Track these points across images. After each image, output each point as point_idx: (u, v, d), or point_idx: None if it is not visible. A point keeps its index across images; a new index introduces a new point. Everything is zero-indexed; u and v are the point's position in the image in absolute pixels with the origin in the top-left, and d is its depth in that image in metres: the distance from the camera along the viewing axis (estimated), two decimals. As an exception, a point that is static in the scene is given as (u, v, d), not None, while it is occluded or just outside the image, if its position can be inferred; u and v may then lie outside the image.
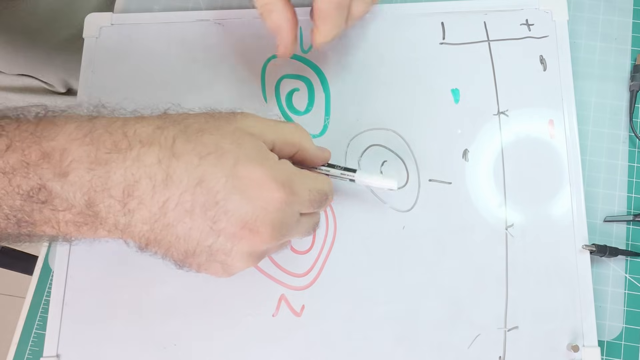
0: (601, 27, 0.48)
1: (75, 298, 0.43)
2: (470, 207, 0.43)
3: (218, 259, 0.32)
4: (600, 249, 0.42)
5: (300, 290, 0.43)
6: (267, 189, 0.31)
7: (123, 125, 0.31)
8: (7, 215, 0.30)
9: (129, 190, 0.30)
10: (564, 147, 0.44)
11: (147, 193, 0.30)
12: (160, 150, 0.30)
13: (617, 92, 0.47)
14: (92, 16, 0.49)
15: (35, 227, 0.31)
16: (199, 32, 0.49)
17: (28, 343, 0.44)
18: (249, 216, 0.31)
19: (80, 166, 0.30)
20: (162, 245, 0.32)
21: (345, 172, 0.40)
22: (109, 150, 0.30)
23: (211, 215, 0.31)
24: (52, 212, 0.30)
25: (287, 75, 0.47)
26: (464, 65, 0.46)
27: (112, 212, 0.30)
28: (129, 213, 0.30)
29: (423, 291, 0.42)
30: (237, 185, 0.31)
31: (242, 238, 0.31)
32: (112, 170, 0.30)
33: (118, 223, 0.31)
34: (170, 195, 0.30)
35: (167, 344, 0.42)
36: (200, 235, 0.31)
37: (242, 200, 0.31)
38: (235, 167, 0.31)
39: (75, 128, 0.31)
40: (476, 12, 0.47)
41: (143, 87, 0.47)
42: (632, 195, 0.45)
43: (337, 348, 0.41)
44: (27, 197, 0.30)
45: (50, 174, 0.29)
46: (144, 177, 0.30)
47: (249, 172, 0.31)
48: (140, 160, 0.30)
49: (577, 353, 0.40)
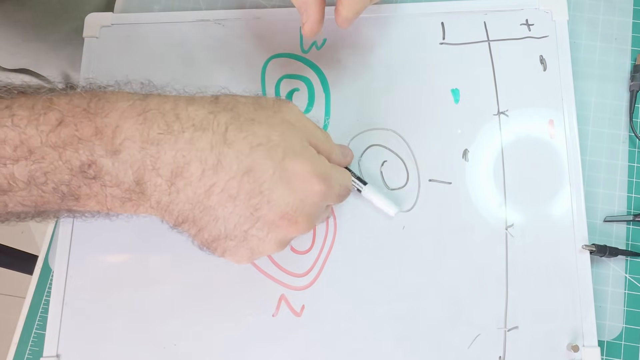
0: (601, 27, 0.48)
1: (75, 298, 0.43)
2: (470, 207, 0.43)
3: (249, 245, 0.34)
4: (600, 249, 0.42)
5: (300, 290, 0.43)
6: (310, 183, 0.33)
7: (175, 107, 0.32)
8: (53, 190, 0.31)
9: (177, 171, 0.31)
10: (564, 147, 0.44)
11: (196, 176, 0.31)
12: (213, 136, 0.32)
13: (617, 92, 0.47)
14: (92, 16, 0.49)
15: (78, 202, 0.32)
16: (199, 32, 0.49)
17: (28, 343, 0.44)
18: (290, 207, 0.33)
19: (132, 145, 0.30)
20: (196, 225, 0.33)
21: (355, 181, 0.43)
22: (162, 131, 0.31)
23: (254, 203, 0.32)
24: (101, 187, 0.31)
25: (287, 75, 0.47)
26: (464, 65, 0.46)
27: (157, 190, 0.31)
28: (174, 192, 0.31)
29: (423, 291, 0.42)
30: (284, 177, 0.32)
31: (279, 227, 0.33)
32: (162, 151, 0.31)
33: (160, 201, 0.32)
34: (218, 180, 0.31)
35: (167, 344, 0.42)
36: (239, 219, 0.33)
37: (286, 192, 0.32)
38: (283, 161, 0.32)
39: (129, 106, 0.31)
40: (476, 12, 0.47)
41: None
42: (632, 195, 0.45)
43: (337, 348, 0.41)
44: (77, 172, 0.30)
45: (102, 151, 0.30)
46: (195, 160, 0.31)
47: (295, 166, 0.33)
48: (192, 144, 0.31)
49: (577, 353, 0.40)
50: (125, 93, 0.33)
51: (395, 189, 0.44)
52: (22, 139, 0.30)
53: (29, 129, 0.30)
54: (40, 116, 0.30)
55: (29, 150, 0.30)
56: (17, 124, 0.29)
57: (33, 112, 0.30)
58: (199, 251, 0.43)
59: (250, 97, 0.35)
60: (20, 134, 0.29)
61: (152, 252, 0.44)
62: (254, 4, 0.51)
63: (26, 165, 0.30)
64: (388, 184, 0.44)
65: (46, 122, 0.30)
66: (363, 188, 0.43)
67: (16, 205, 0.32)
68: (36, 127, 0.30)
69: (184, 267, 0.43)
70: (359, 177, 0.43)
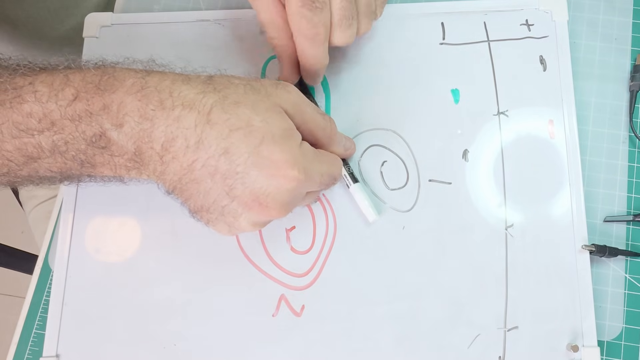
0: (601, 27, 0.48)
1: (75, 298, 0.43)
2: (470, 207, 0.43)
3: (227, 220, 0.36)
4: (600, 249, 0.42)
5: (300, 290, 0.43)
6: (284, 172, 0.34)
7: (171, 85, 0.34)
8: (73, 157, 0.34)
9: (166, 146, 0.34)
10: (564, 147, 0.44)
11: (181, 151, 0.33)
12: (198, 115, 0.33)
13: (617, 92, 0.47)
14: (92, 16, 0.49)
15: (95, 169, 0.36)
16: (199, 32, 0.49)
17: (28, 343, 0.44)
18: (262, 191, 0.34)
19: (131, 120, 0.33)
20: (184, 195, 0.35)
21: (347, 176, 0.43)
22: (154, 108, 0.33)
23: (229, 183, 0.34)
24: (110, 157, 0.35)
25: (287, 75, 0.47)
26: (464, 65, 0.46)
27: (152, 161, 0.34)
28: (164, 164, 0.34)
29: (423, 291, 0.42)
30: (257, 163, 0.33)
31: (251, 208, 0.35)
32: (155, 126, 0.33)
33: (156, 170, 0.35)
34: (199, 157, 0.33)
35: (167, 344, 0.42)
36: (217, 196, 0.34)
37: (259, 177, 0.34)
38: (259, 146, 0.33)
39: (132, 84, 0.34)
40: (476, 12, 0.47)
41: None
42: (632, 195, 0.45)
43: (337, 348, 0.41)
44: (91, 142, 0.34)
45: (109, 124, 0.33)
46: (180, 137, 0.33)
47: (270, 153, 0.34)
48: (179, 121, 0.33)
49: (577, 353, 0.40)
50: (132, 71, 0.35)
51: (395, 189, 0.44)
52: (45, 112, 0.33)
53: (49, 104, 0.33)
54: (58, 92, 0.33)
55: (51, 122, 0.33)
56: (39, 99, 0.33)
57: (52, 89, 0.33)
58: (199, 251, 0.44)
59: (245, 79, 0.36)
60: (43, 108, 0.33)
61: (152, 252, 0.44)
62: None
63: (49, 136, 0.34)
64: (388, 184, 0.44)
65: (64, 98, 0.33)
66: (351, 185, 0.43)
67: (45, 171, 0.36)
68: (55, 102, 0.33)
69: (184, 267, 0.43)
70: (352, 173, 0.43)
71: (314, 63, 0.41)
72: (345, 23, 0.39)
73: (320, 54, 0.40)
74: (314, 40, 0.39)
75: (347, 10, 0.39)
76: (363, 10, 0.40)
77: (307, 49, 0.40)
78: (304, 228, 0.44)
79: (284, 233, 0.44)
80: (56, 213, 0.46)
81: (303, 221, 0.44)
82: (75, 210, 0.45)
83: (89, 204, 0.45)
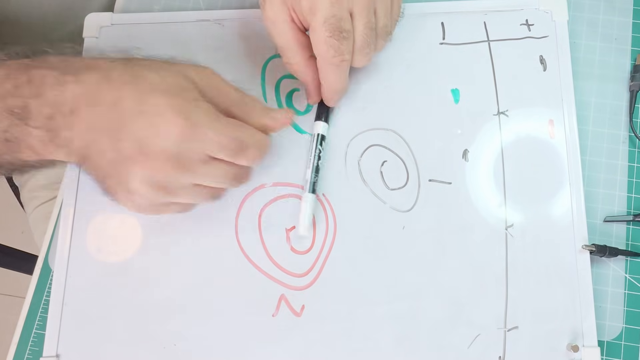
0: (601, 27, 0.48)
1: (75, 298, 0.43)
2: (470, 207, 0.43)
3: (123, 184, 0.35)
4: (600, 249, 0.42)
5: (300, 290, 0.43)
6: (167, 119, 0.34)
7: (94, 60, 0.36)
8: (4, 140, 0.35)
9: (73, 107, 0.34)
10: (564, 147, 0.44)
11: (84, 110, 0.34)
12: (99, 75, 0.35)
13: (617, 92, 0.47)
14: (92, 16, 0.49)
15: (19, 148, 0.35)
16: (199, 32, 0.49)
17: (28, 343, 0.44)
18: (145, 140, 0.34)
19: (49, 88, 0.34)
20: (91, 163, 0.35)
21: (308, 183, 0.43)
22: (69, 74, 0.35)
23: (118, 136, 0.34)
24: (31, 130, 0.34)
25: (287, 75, 0.47)
26: (464, 65, 0.46)
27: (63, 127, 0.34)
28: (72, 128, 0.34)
29: (423, 291, 0.42)
30: (143, 111, 0.34)
31: (137, 162, 0.34)
32: (66, 91, 0.34)
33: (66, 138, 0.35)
34: (97, 114, 0.34)
35: (167, 344, 0.42)
36: (111, 155, 0.34)
37: (143, 125, 0.34)
38: (147, 94, 0.34)
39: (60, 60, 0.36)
40: (476, 12, 0.47)
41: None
42: (632, 195, 0.45)
43: (337, 348, 0.41)
44: (13, 114, 0.34)
45: (30, 94, 0.34)
46: (84, 95, 0.34)
47: (156, 100, 0.34)
48: (84, 82, 0.34)
49: (577, 353, 0.40)
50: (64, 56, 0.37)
51: (395, 189, 0.44)
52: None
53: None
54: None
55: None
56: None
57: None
58: (199, 251, 0.43)
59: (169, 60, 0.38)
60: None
61: (152, 252, 0.44)
62: (254, 4, 0.51)
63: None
64: (388, 184, 0.44)
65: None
66: (305, 193, 0.43)
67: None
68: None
69: (184, 267, 0.43)
70: (314, 182, 0.43)
71: (336, 87, 0.41)
72: (366, 49, 0.40)
73: (344, 79, 0.41)
74: (339, 67, 0.40)
75: (369, 36, 0.39)
76: (380, 33, 0.41)
77: (330, 75, 0.40)
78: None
79: (284, 233, 0.44)
80: (56, 213, 0.46)
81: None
82: (75, 211, 0.45)
83: (89, 204, 0.45)
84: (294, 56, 0.41)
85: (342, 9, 0.37)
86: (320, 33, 0.37)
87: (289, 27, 0.39)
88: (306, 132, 0.45)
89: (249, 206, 0.44)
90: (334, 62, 0.39)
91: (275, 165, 0.45)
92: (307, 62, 0.41)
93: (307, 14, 0.38)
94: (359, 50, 0.40)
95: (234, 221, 0.44)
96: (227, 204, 0.44)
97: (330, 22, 0.37)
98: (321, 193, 0.44)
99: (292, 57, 0.41)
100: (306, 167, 0.44)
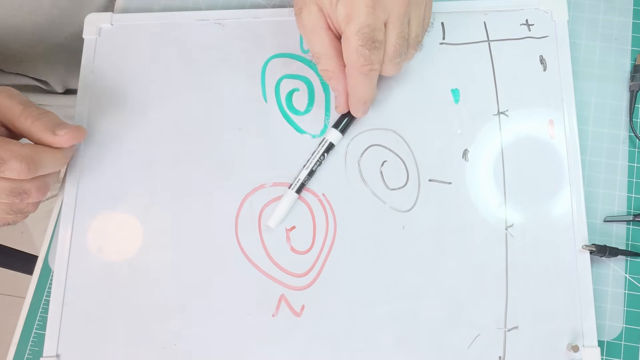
0: (601, 27, 0.48)
1: (75, 298, 0.43)
2: (470, 207, 0.43)
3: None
4: (600, 249, 0.42)
5: (300, 290, 0.43)
6: None
7: None
8: None
9: None
10: (564, 147, 0.44)
11: None
12: None
13: (617, 92, 0.47)
14: (92, 16, 0.49)
15: None
16: (199, 32, 0.48)
17: (28, 343, 0.44)
18: None
19: None
20: None
21: (298, 181, 0.43)
22: None
23: None
24: None
25: (287, 75, 0.47)
26: (464, 65, 0.46)
27: None
28: None
29: (423, 291, 0.42)
30: None
31: None
32: None
33: None
34: None
35: (167, 344, 0.42)
36: None
37: None
38: None
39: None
40: (476, 12, 0.47)
41: (143, 86, 0.47)
42: (632, 195, 0.45)
43: (337, 348, 0.41)
44: None
45: None
46: None
47: None
48: None
49: (577, 353, 0.40)
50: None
51: (395, 189, 0.44)
52: None
53: None
54: None
55: None
56: None
57: None
58: (199, 251, 0.43)
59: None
60: None
61: (152, 252, 0.44)
62: (254, 4, 0.51)
63: None
64: (388, 184, 0.44)
65: None
66: (288, 190, 0.43)
67: None
68: None
69: (184, 267, 0.43)
70: (304, 184, 0.43)
71: (363, 96, 0.41)
72: (397, 58, 0.40)
73: (372, 88, 0.41)
74: (368, 76, 0.40)
75: (401, 47, 0.39)
76: (412, 43, 0.41)
77: (359, 84, 0.40)
78: (304, 228, 0.44)
79: (284, 233, 0.44)
80: (56, 212, 0.46)
81: (303, 221, 0.44)
82: (75, 210, 0.45)
83: (89, 203, 0.45)
84: (330, 63, 0.41)
85: (377, 19, 0.37)
86: (352, 41, 0.38)
87: (326, 34, 0.40)
88: (306, 132, 0.45)
89: (249, 206, 0.44)
90: (362, 70, 0.39)
91: (275, 165, 0.45)
92: (343, 69, 0.41)
93: (342, 21, 0.38)
94: (390, 60, 0.40)
95: (234, 221, 0.44)
96: (227, 204, 0.44)
97: (364, 31, 0.37)
98: (321, 193, 0.44)
99: (327, 63, 0.41)
100: (303, 166, 0.44)
